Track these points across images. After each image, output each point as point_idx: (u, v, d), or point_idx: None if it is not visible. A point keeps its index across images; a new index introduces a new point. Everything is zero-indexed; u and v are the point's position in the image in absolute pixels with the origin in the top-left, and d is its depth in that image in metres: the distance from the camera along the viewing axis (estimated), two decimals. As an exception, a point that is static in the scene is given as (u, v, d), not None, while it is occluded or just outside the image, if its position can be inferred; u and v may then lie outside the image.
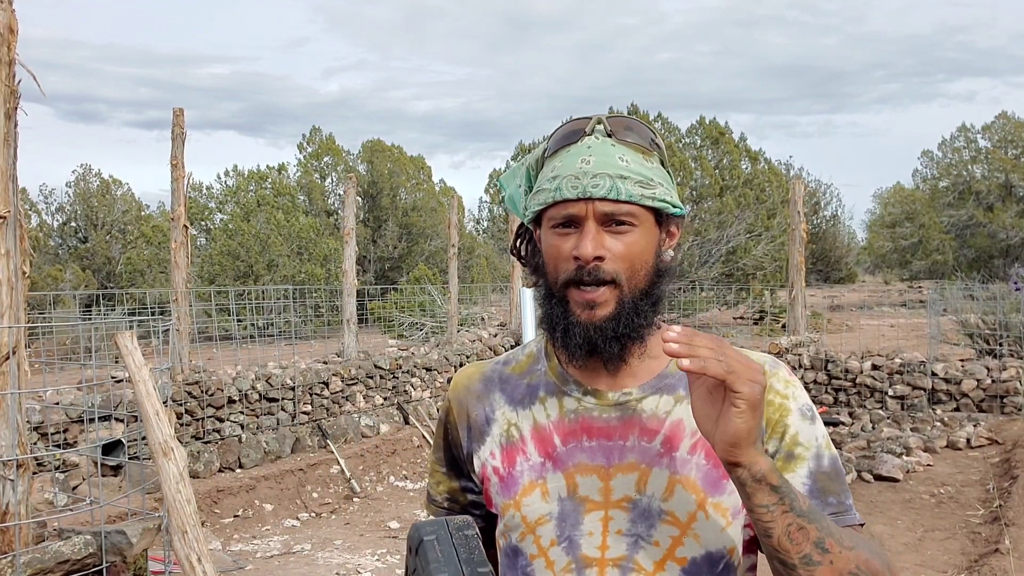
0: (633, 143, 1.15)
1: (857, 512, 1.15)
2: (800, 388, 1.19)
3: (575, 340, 1.13)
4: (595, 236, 1.11)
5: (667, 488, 1.13)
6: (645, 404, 1.17)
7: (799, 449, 1.14)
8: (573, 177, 1.12)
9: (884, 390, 9.58)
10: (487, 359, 1.35)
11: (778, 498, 1.00)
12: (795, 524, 1.00)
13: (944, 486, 7.03)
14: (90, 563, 3.70)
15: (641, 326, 1.14)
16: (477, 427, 1.26)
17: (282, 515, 7.10)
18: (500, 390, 1.27)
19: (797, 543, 1.00)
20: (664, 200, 1.14)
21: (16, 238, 3.55)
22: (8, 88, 3.50)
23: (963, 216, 32.22)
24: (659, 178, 1.15)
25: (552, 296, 1.16)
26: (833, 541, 1.01)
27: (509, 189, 1.29)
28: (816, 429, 1.16)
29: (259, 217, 22.02)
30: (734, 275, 22.08)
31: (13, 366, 3.52)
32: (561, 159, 1.15)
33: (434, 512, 1.38)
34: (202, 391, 7.68)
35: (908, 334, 16.77)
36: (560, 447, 1.18)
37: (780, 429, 1.14)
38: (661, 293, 1.17)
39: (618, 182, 1.11)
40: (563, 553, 1.14)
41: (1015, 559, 4.96)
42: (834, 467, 1.14)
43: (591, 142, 1.15)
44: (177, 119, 8.08)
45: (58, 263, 26.51)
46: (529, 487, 1.18)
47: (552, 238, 1.15)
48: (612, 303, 1.12)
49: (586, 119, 1.18)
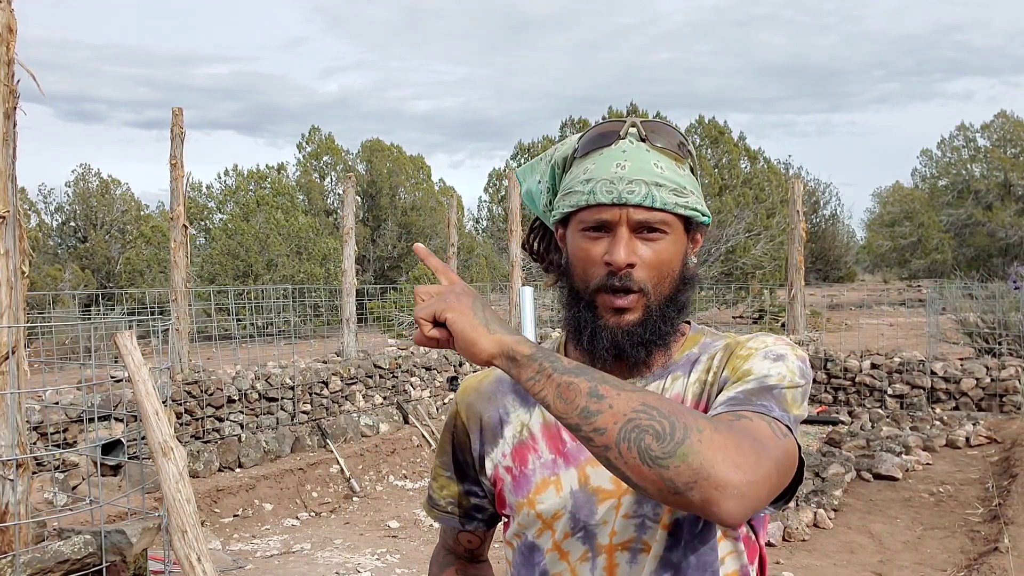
0: (667, 149, 1.15)
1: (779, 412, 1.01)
2: (783, 346, 1.12)
3: (602, 344, 1.14)
4: (628, 243, 1.11)
5: None
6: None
7: (748, 365, 1.09)
8: (608, 181, 1.11)
9: (883, 389, 9.59)
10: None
11: (537, 365, 0.96)
12: (563, 383, 0.94)
13: (943, 485, 7.03)
14: (90, 563, 3.70)
15: (667, 332, 1.15)
16: (490, 429, 1.27)
17: (282, 514, 7.10)
18: (512, 391, 1.27)
19: (570, 400, 0.93)
20: (696, 209, 1.14)
21: (15, 238, 3.55)
22: (7, 88, 3.50)
23: (962, 215, 32.23)
24: (691, 186, 1.15)
25: (580, 299, 1.16)
26: (608, 387, 0.94)
27: (527, 184, 1.29)
28: (774, 366, 1.07)
29: (258, 217, 22.00)
30: (733, 274, 22.10)
31: (12, 366, 3.52)
32: (594, 161, 1.15)
33: (436, 516, 1.38)
34: (201, 391, 7.68)
35: (907, 333, 16.78)
36: (570, 442, 1.18)
37: (740, 365, 1.10)
38: (686, 300, 1.18)
39: (654, 189, 1.11)
40: (579, 543, 1.15)
41: (1014, 557, 4.96)
42: (779, 390, 1.04)
43: (626, 146, 1.14)
44: (176, 119, 8.07)
45: (57, 263, 26.50)
46: (542, 484, 1.19)
47: (582, 241, 1.14)
48: (640, 309, 1.13)
49: (619, 122, 1.17)
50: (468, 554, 1.43)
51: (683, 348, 1.22)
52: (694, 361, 1.19)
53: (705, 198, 1.27)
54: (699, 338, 1.23)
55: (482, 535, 1.40)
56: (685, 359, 1.20)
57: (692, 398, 1.16)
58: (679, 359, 1.20)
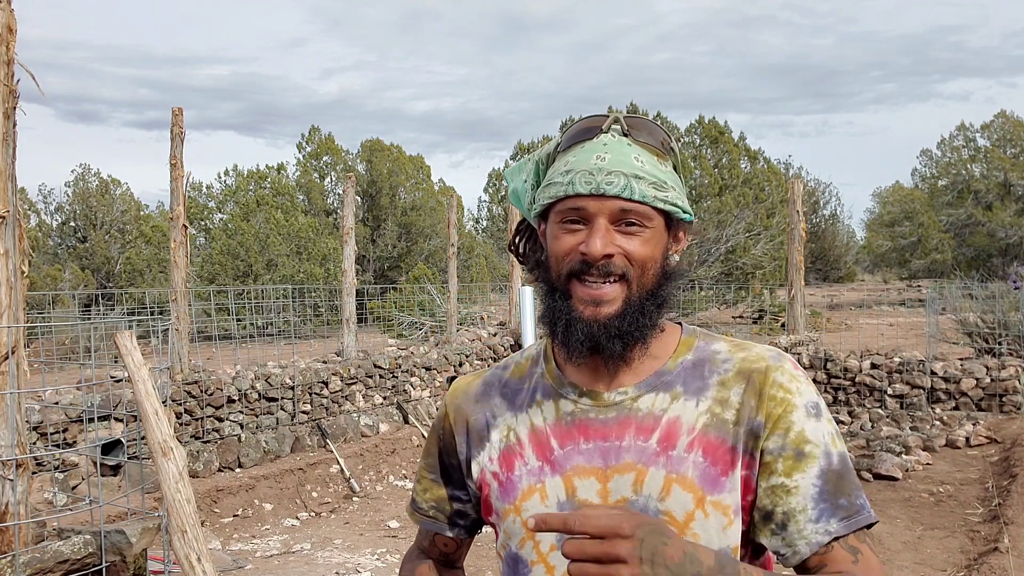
0: (649, 144, 1.14)
1: (871, 508, 1.12)
2: (806, 383, 1.15)
3: (577, 336, 1.11)
4: (605, 234, 1.09)
5: (664, 488, 1.10)
6: (641, 403, 1.15)
7: (808, 447, 1.10)
8: (587, 173, 1.10)
9: (883, 389, 9.59)
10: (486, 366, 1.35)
11: None
12: None
13: (943, 485, 7.03)
14: (90, 563, 3.70)
15: (645, 326, 1.12)
16: (476, 432, 1.25)
17: (282, 514, 7.10)
18: (500, 395, 1.25)
19: None
20: (675, 204, 1.13)
21: (15, 238, 3.55)
22: (7, 88, 3.50)
23: (962, 215, 32.22)
24: (672, 182, 1.14)
25: (554, 291, 1.14)
26: None
27: (514, 183, 1.27)
28: (824, 426, 1.12)
29: (258, 217, 22.00)
30: (733, 274, 22.10)
31: (12, 366, 3.52)
32: (575, 154, 1.13)
33: (418, 520, 1.35)
34: (201, 391, 7.68)
35: (907, 333, 16.78)
36: (558, 450, 1.16)
37: (784, 426, 1.11)
38: (667, 295, 1.15)
39: (632, 181, 1.09)
40: (563, 558, 1.12)
41: (1014, 557, 4.96)
42: (844, 465, 1.11)
43: (607, 140, 1.13)
44: (176, 119, 8.07)
45: (57, 263, 26.50)
46: (528, 492, 1.16)
47: (559, 232, 1.13)
48: (619, 301, 1.11)
49: (602, 116, 1.16)
50: (443, 558, 1.39)
51: (676, 354, 1.18)
52: (696, 377, 1.16)
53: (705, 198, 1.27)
54: (692, 341, 1.20)
55: (459, 541, 1.36)
56: (680, 368, 1.17)
57: (701, 429, 1.12)
58: (673, 367, 1.17)
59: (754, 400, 1.13)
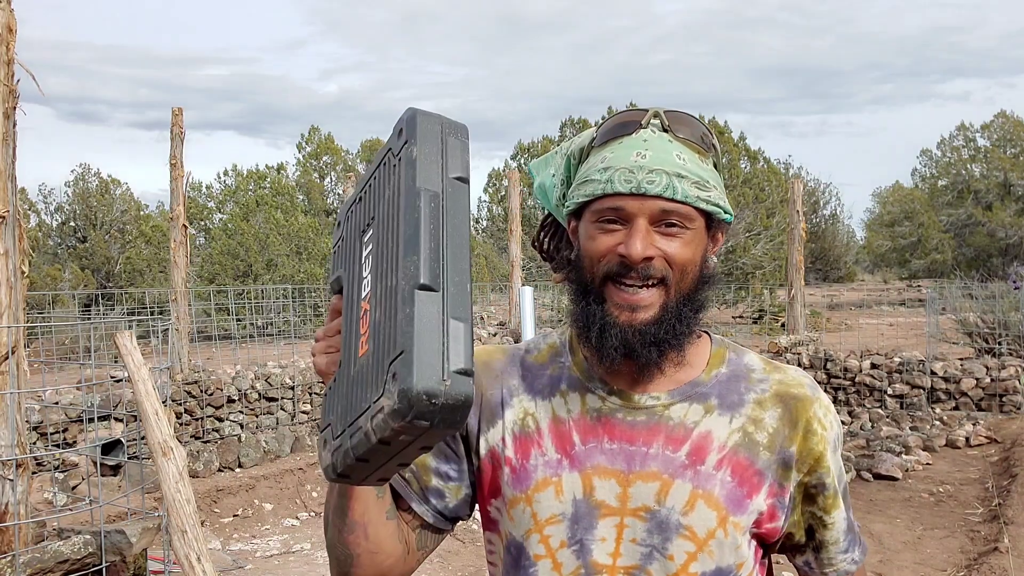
0: (690, 141, 1.09)
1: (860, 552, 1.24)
2: (835, 414, 1.17)
3: (611, 342, 1.07)
4: (645, 235, 1.04)
5: (688, 502, 1.08)
6: (673, 411, 1.12)
7: (841, 486, 1.17)
8: (627, 170, 1.05)
9: (883, 389, 9.59)
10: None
11: None
12: None
13: (943, 485, 7.03)
14: (90, 563, 3.70)
15: (682, 333, 1.09)
16: (490, 407, 1.18)
17: (282, 514, 7.10)
18: (520, 376, 1.20)
19: None
20: (718, 204, 1.08)
21: (15, 238, 3.55)
22: (7, 88, 3.50)
23: (962, 215, 32.25)
24: (714, 181, 1.09)
25: (588, 293, 1.10)
26: None
27: (541, 178, 1.22)
28: (839, 458, 1.18)
29: (258, 217, 22.01)
30: (733, 274, 22.10)
31: (12, 366, 3.52)
32: (612, 150, 1.08)
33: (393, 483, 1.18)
34: (201, 390, 7.68)
35: (907, 333, 16.78)
36: (579, 445, 1.12)
37: (825, 465, 1.14)
38: (704, 300, 1.11)
39: (675, 180, 1.05)
40: (573, 556, 1.10)
41: (1014, 557, 4.96)
42: (847, 490, 1.20)
43: (647, 135, 1.08)
44: (176, 119, 8.08)
45: (57, 263, 26.50)
46: (543, 483, 1.12)
47: (595, 232, 1.08)
48: (656, 307, 1.07)
49: (641, 111, 1.11)
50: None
51: (710, 365, 1.16)
52: (731, 392, 1.15)
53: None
54: (724, 353, 1.18)
55: (422, 522, 1.18)
56: (715, 381, 1.15)
57: (732, 448, 1.11)
58: (707, 379, 1.15)
59: (788, 429, 1.12)
